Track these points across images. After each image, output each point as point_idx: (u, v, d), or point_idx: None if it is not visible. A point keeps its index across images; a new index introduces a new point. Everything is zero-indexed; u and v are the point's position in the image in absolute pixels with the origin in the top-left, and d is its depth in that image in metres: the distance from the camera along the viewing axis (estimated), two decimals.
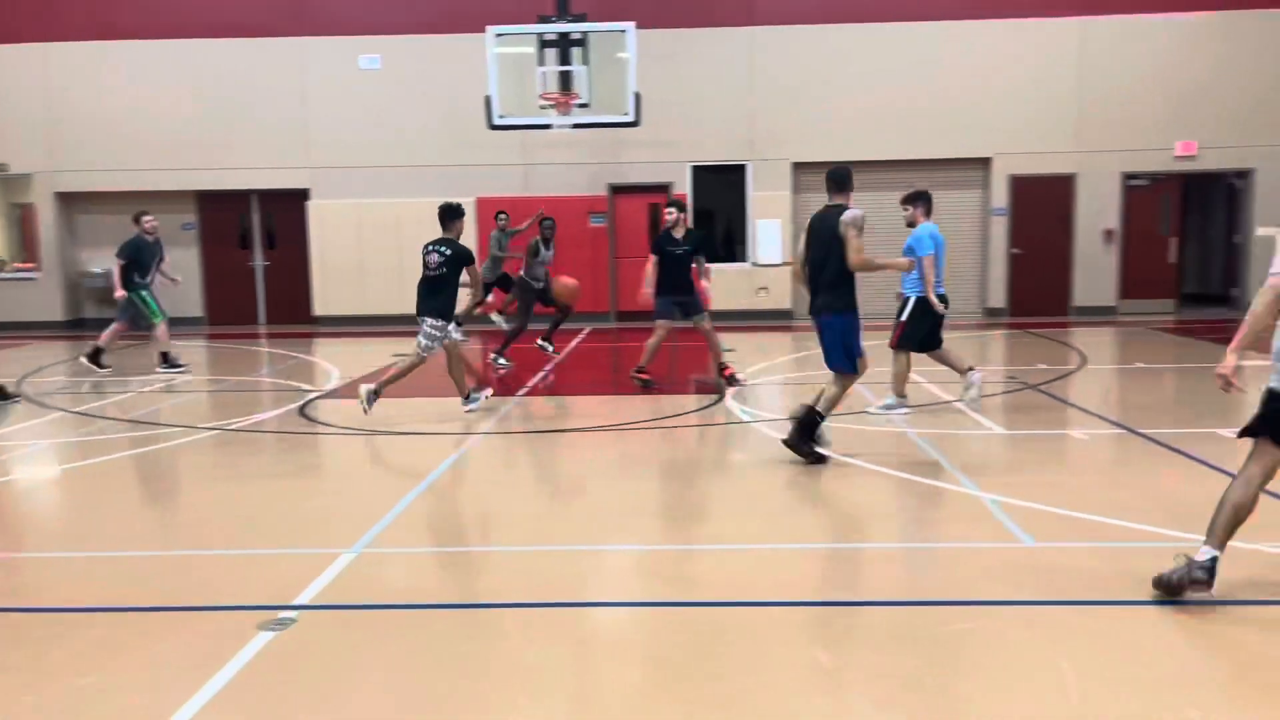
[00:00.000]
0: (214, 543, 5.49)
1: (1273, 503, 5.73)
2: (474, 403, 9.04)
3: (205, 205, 18.42)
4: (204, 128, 17.81)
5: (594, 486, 6.79)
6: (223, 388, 11.29)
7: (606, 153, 17.56)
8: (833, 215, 7.07)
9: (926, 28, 17.30)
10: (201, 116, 17.81)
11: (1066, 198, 17.50)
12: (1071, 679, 3.58)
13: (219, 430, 8.61)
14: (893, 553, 5.08)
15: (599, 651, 4.03)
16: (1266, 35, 17.06)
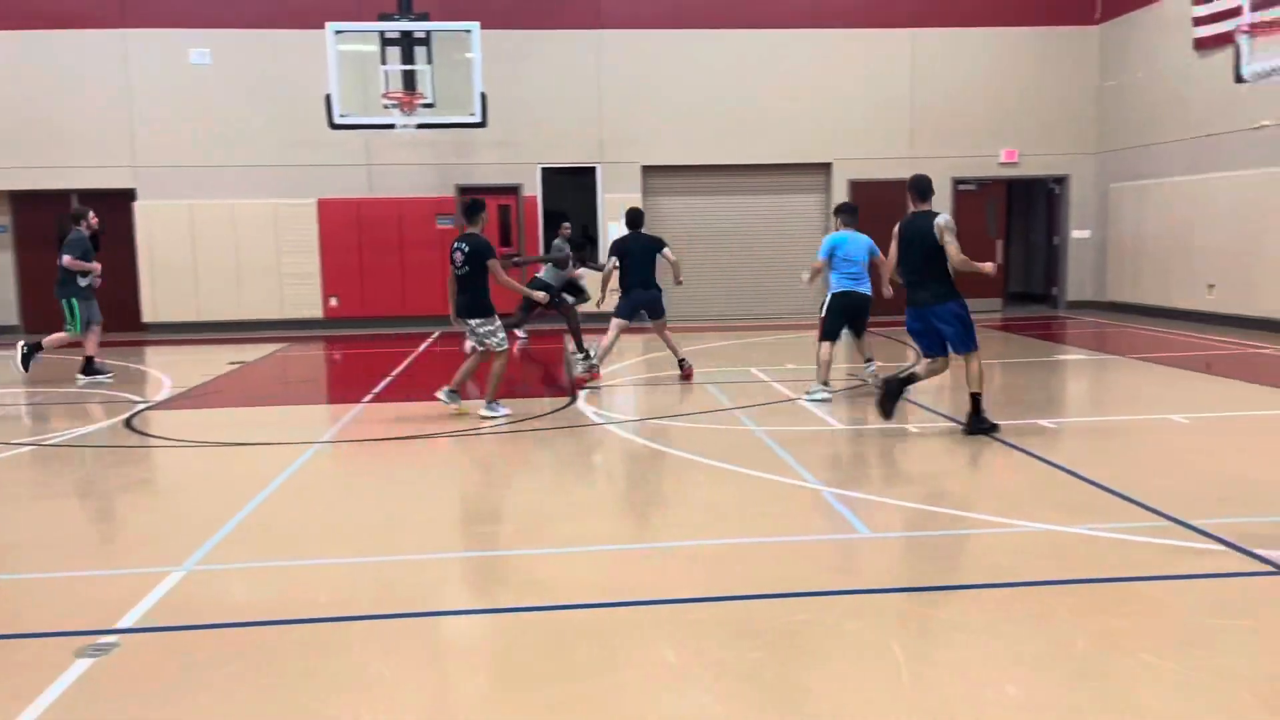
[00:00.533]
0: (27, 566, 5.13)
1: (1083, 487, 6.14)
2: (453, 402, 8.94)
3: (19, 206, 17.25)
4: (17, 124, 16.67)
5: (441, 493, 6.68)
6: (41, 400, 10.57)
7: (453, 153, 17.33)
8: (924, 220, 7.97)
9: (768, 35, 17.78)
10: (14, 112, 16.66)
11: (901, 201, 18.19)
12: (903, 662, 3.73)
13: (35, 446, 8.06)
14: (737, 548, 5.17)
15: (446, 661, 3.96)
16: (1077, 51, 18.27)
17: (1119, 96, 17.79)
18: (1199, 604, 4.28)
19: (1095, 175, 18.39)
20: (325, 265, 17.33)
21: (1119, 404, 9.25)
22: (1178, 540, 5.06)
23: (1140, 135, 17.16)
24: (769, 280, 18.53)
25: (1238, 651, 3.77)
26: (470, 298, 8.75)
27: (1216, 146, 15.16)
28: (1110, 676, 3.60)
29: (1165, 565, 4.76)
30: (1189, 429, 7.94)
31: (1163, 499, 5.76)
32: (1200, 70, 15.32)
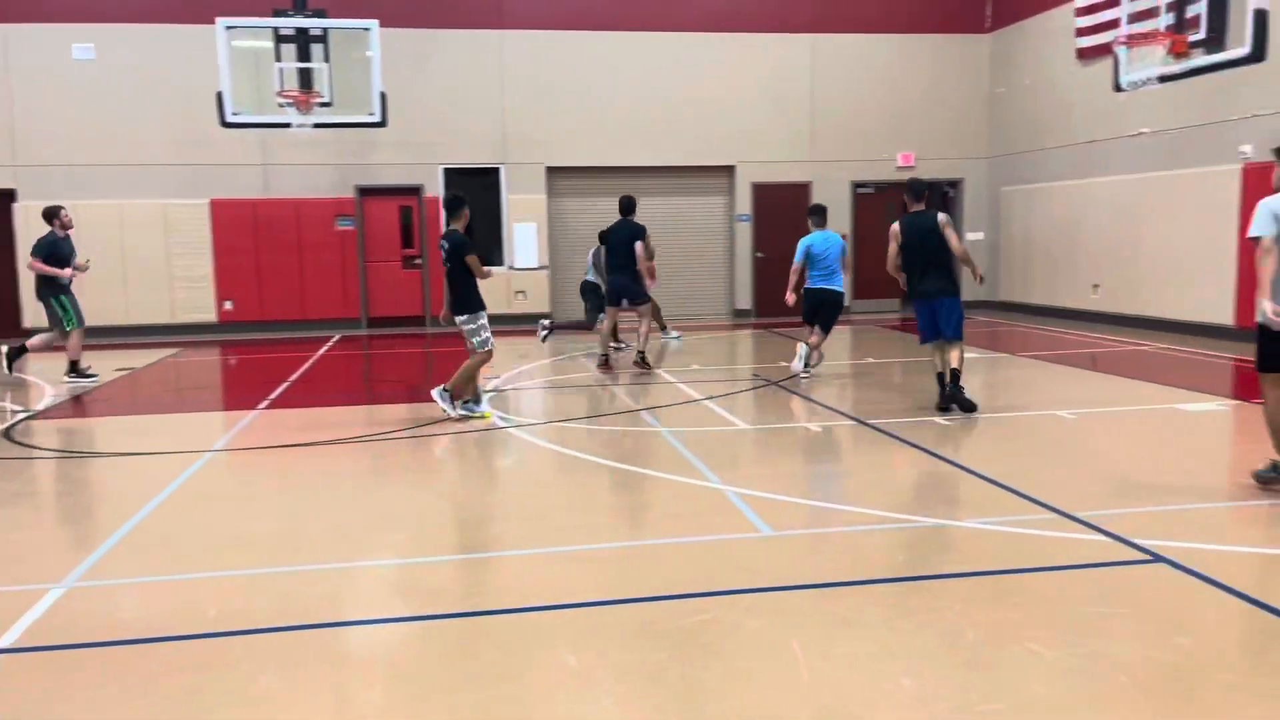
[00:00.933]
0: None
1: (975, 481, 6.32)
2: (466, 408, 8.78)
3: None
4: None
5: (338, 501, 6.53)
6: None
7: (353, 153, 17.00)
8: (925, 218, 8.89)
9: (672, 38, 17.89)
10: None
11: (803, 204, 18.53)
12: (802, 658, 3.78)
13: None
14: (640, 550, 5.19)
15: (342, 674, 3.87)
16: (969, 58, 18.84)
17: (1009, 103, 18.41)
18: (1082, 593, 4.44)
19: (987, 179, 19.00)
20: (219, 268, 16.82)
21: (1009, 400, 9.56)
22: (1063, 532, 5.25)
23: (1029, 140, 17.79)
24: (673, 281, 18.63)
25: (1117, 637, 3.93)
26: (461, 294, 8.70)
27: (1099, 152, 15.81)
28: (998, 666, 3.71)
29: (1051, 556, 4.94)
30: (1075, 424, 8.25)
31: (1049, 492, 5.97)
32: (1083, 79, 15.95)
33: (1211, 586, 4.42)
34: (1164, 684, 3.56)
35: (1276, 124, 12.37)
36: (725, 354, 13.80)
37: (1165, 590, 4.44)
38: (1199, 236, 13.58)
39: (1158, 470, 6.94)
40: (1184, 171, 13.93)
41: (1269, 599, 4.26)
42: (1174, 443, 7.69)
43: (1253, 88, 12.55)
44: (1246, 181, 12.67)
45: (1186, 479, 6.56)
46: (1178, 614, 4.15)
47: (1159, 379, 10.31)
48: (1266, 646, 3.88)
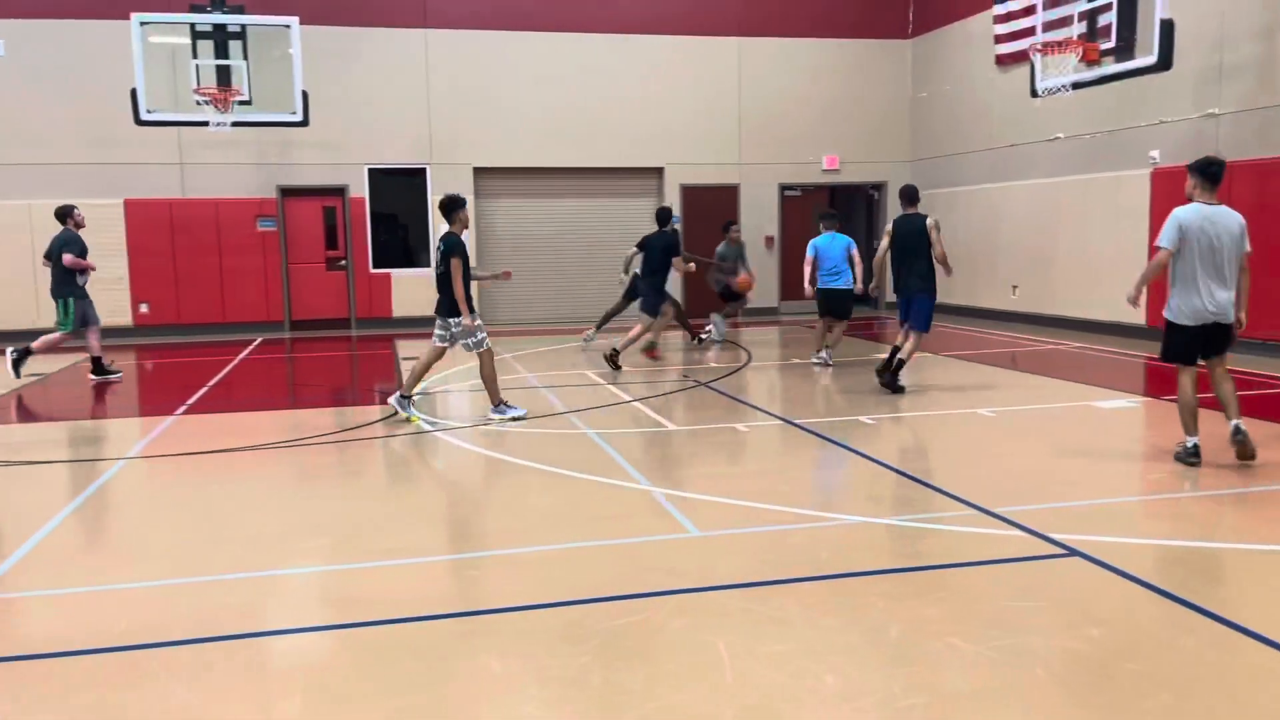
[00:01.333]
0: None
1: (897, 479, 6.42)
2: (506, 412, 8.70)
3: None
4: None
5: (258, 508, 6.39)
6: None
7: (274, 153, 16.67)
8: (916, 219, 9.96)
9: (600, 40, 17.89)
10: None
11: (732, 206, 18.73)
12: (726, 658, 3.80)
13: None
14: (565, 553, 5.16)
15: (260, 685, 3.77)
16: (892, 63, 19.18)
17: (930, 107, 18.78)
18: (1000, 587, 4.54)
19: (911, 182, 19.30)
20: (134, 270, 16.35)
21: (931, 399, 9.74)
22: (982, 528, 5.36)
23: (949, 144, 18.16)
24: (602, 282, 18.62)
25: (1033, 630, 4.02)
26: (446, 297, 8.49)
27: (1017, 156, 16.21)
28: (920, 661, 3.77)
29: (971, 552, 5.04)
30: (994, 421, 8.43)
31: (970, 489, 6.09)
32: (1002, 85, 16.35)
33: (1122, 578, 4.55)
34: (1077, 674, 3.65)
35: (1183, 130, 12.82)
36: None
37: (1079, 583, 4.56)
38: (1112, 239, 14.01)
39: (1073, 466, 7.13)
40: (1097, 176, 14.35)
41: (1175, 589, 4.40)
42: (1089, 439, 7.91)
43: (1161, 95, 12.99)
44: (1155, 186, 13.11)
45: (1100, 474, 6.75)
46: (1090, 605, 4.26)
47: (1075, 377, 10.60)
48: (1173, 635, 4.01)
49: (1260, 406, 8.69)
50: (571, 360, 12.94)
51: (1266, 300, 11.72)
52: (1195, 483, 6.30)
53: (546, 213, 18.41)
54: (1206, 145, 12.50)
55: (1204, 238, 6.41)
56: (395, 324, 17.31)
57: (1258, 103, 11.81)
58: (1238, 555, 4.99)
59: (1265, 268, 11.69)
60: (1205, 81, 12.43)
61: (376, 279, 17.41)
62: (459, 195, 8.82)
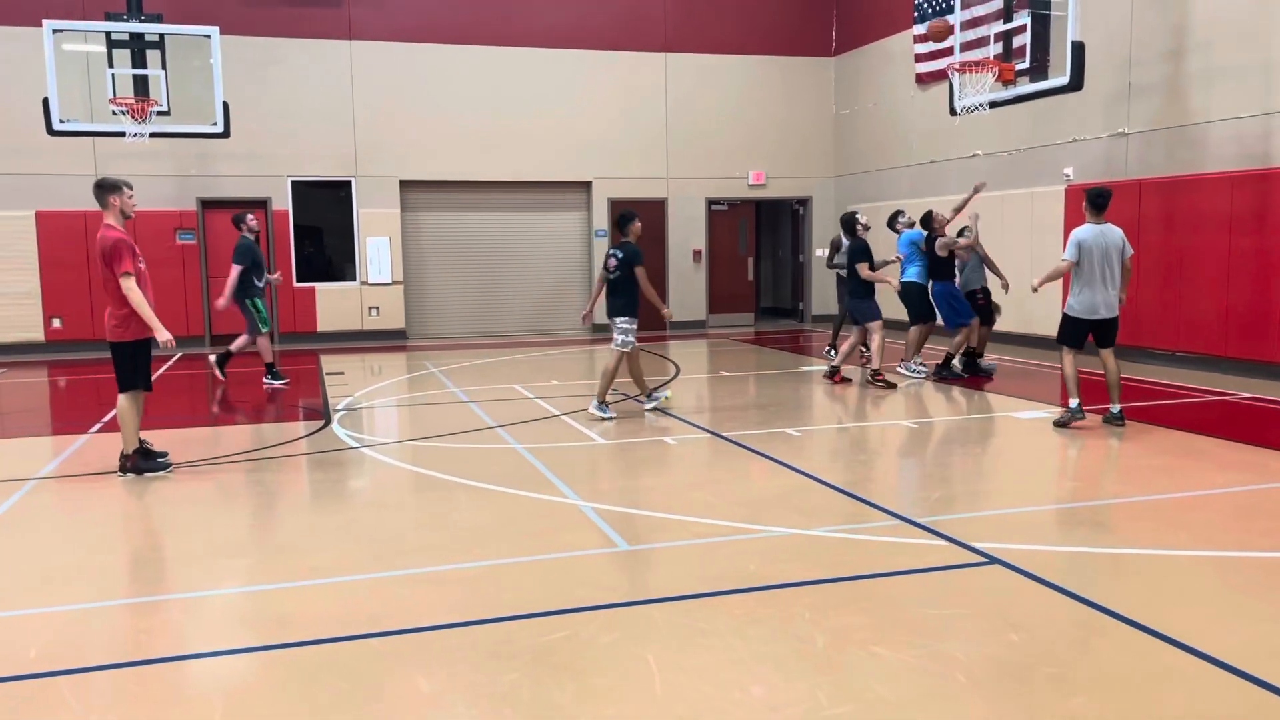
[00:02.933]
0: None
1: (823, 491, 6.51)
2: (654, 400, 9.73)
3: None
4: None
5: (174, 528, 6.22)
6: None
7: (194, 164, 16.32)
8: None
9: (527, 53, 17.88)
10: None
11: (660, 220, 18.85)
12: (656, 671, 3.81)
13: None
14: (493, 569, 5.12)
15: (181, 709, 3.67)
16: (816, 80, 19.51)
17: (853, 124, 19.14)
18: (924, 596, 4.63)
19: (835, 197, 19.67)
20: (46, 283, 15.83)
21: (856, 412, 9.89)
22: (906, 538, 5.46)
23: (872, 160, 18.53)
24: (532, 296, 18.59)
25: (956, 637, 4.11)
26: (625, 300, 9.41)
27: (937, 172, 16.60)
28: (846, 670, 3.83)
29: (895, 562, 5.12)
30: (916, 433, 8.60)
31: (893, 499, 6.20)
32: (921, 103, 16.74)
33: (1040, 585, 4.68)
34: (997, 679, 3.74)
35: (1095, 148, 13.27)
36: (584, 369, 13.82)
37: (999, 590, 4.67)
38: (1028, 254, 14.40)
39: (993, 476, 7.32)
40: (1014, 192, 14.76)
41: (1090, 594, 4.53)
42: (1007, 449, 8.12)
43: (1073, 114, 13.44)
44: (1069, 202, 13.53)
45: (1019, 483, 6.93)
46: (1010, 612, 4.37)
47: (994, 389, 10.87)
48: (1088, 638, 4.13)
49: (1173, 416, 9.01)
50: (498, 374, 12.87)
51: (1171, 312, 12.18)
52: (1109, 491, 6.51)
53: (475, 226, 18.31)
54: (1116, 163, 12.96)
55: (1097, 250, 8.24)
56: (320, 338, 17.04)
57: (1165, 122, 12.28)
58: (1149, 560, 5.16)
59: (1168, 278, 12.17)
60: (1115, 101, 12.89)
61: (300, 293, 17.11)
62: (632, 210, 9.94)
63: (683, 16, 18.64)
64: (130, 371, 7.31)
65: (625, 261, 9.36)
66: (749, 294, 20.06)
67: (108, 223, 7.36)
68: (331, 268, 17.49)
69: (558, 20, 18.02)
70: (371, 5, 17.15)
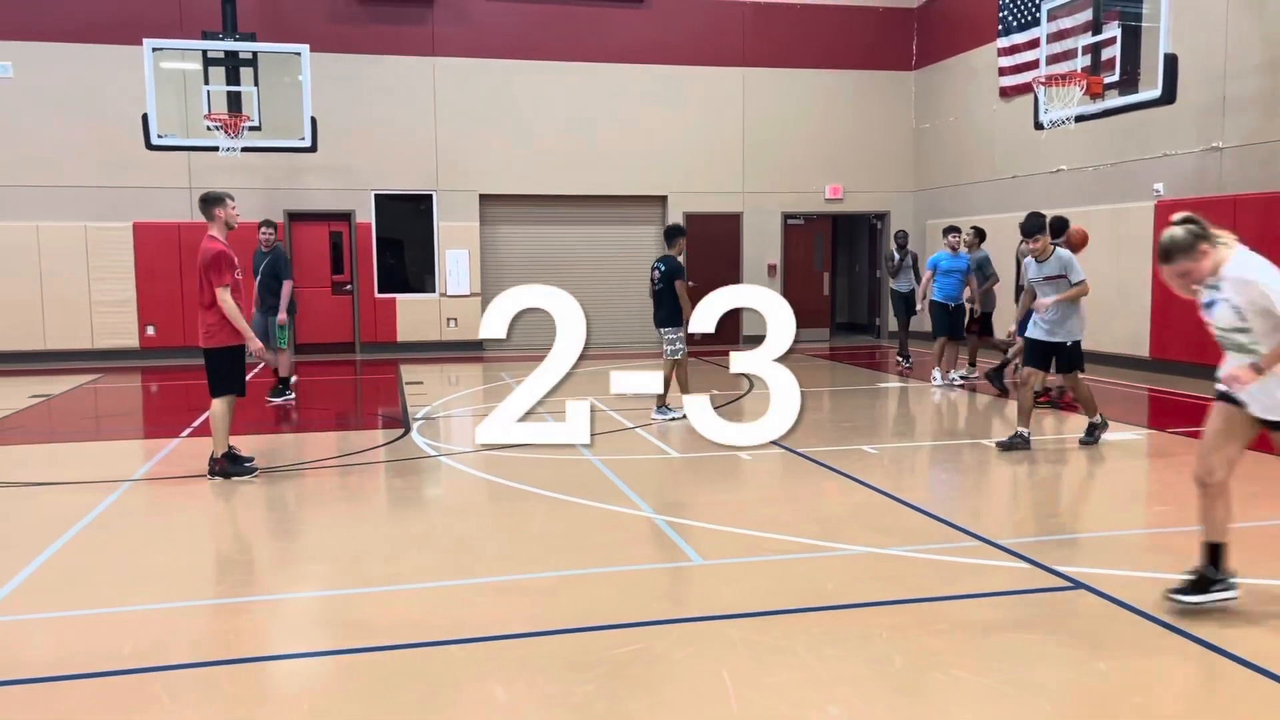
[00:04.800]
0: None
1: (901, 509, 6.41)
2: (665, 414, 9.81)
3: None
4: None
5: (260, 531, 6.39)
6: None
7: (283, 178, 16.77)
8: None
9: (606, 69, 18.03)
10: None
11: (735, 234, 18.82)
12: (731, 688, 3.79)
13: None
14: (568, 580, 5.15)
15: (263, 709, 3.77)
16: (895, 94, 19.31)
17: (933, 138, 18.89)
18: (1006, 619, 4.53)
19: (913, 212, 19.42)
20: (141, 292, 16.40)
21: (935, 429, 9.74)
22: (987, 559, 5.35)
23: (952, 175, 18.25)
24: (606, 309, 18.67)
25: (1041, 663, 4.01)
26: (667, 311, 9.74)
27: (1019, 187, 16.27)
28: (926, 693, 3.76)
29: (976, 584, 5.02)
30: (998, 453, 8.43)
31: (974, 520, 6.08)
32: (1004, 117, 16.44)
33: (1129, 612, 4.54)
34: (1083, 708, 3.64)
35: (1187, 163, 12.88)
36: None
37: (1086, 616, 4.55)
38: (1116, 271, 14.03)
39: (1079, 498, 7.14)
40: (1101, 208, 14.40)
41: (1182, 624, 4.38)
42: (1094, 471, 7.90)
43: (1164, 128, 13.06)
44: (1159, 219, 13.15)
45: (1106, 506, 6.75)
46: (1097, 639, 4.25)
47: (1079, 409, 10.58)
48: (1178, 670, 4.00)
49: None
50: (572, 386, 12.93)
51: None
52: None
53: (551, 239, 18.47)
54: (1209, 178, 12.56)
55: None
56: (399, 348, 17.35)
57: (1261, 136, 11.87)
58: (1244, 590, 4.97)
59: None
60: (1209, 115, 12.50)
61: (381, 303, 17.47)
62: (680, 225, 10.09)
63: (761, 32, 18.62)
64: (224, 377, 7.53)
65: (667, 274, 9.64)
66: (824, 309, 19.88)
67: (211, 234, 7.60)
68: (412, 279, 17.81)
69: (637, 36, 18.14)
70: (455, 23, 17.47)
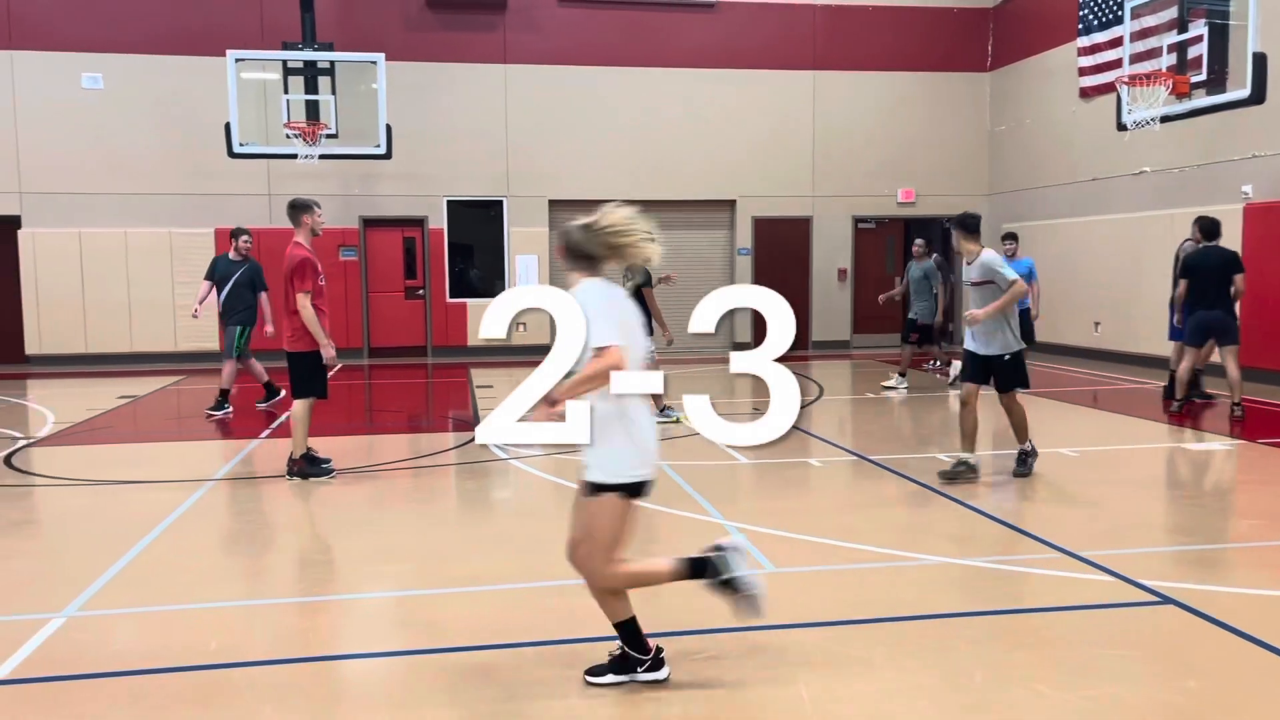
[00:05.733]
0: None
1: (979, 519, 6.29)
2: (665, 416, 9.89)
3: None
4: None
5: (336, 532, 6.51)
6: None
7: (357, 184, 17.09)
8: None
9: (675, 74, 18.04)
10: None
11: (804, 238, 18.68)
12: (807, 698, 3.75)
13: None
14: None
15: (341, 706, 3.83)
16: (970, 96, 18.99)
17: (1009, 141, 18.54)
18: (1090, 634, 4.41)
19: (988, 216, 19.04)
20: None
21: (1011, 438, 9.53)
22: (1069, 572, 5.22)
23: (1028, 178, 17.88)
24: (674, 314, 18.64)
25: (1126, 680, 3.89)
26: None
27: (1100, 190, 15.89)
28: (1008, 708, 3.68)
29: (1058, 597, 4.90)
30: (1077, 462, 8.22)
31: (1054, 531, 5.94)
32: (1084, 118, 16.07)
33: (1220, 629, 4.38)
34: None
35: (1276, 165, 12.45)
36: (726, 387, 13.78)
37: (1173, 632, 4.41)
38: None
39: (1164, 510, 6.93)
40: (1186, 210, 13.96)
41: (1277, 641, 4.23)
42: (1179, 482, 7.66)
43: (1252, 129, 12.64)
44: (1248, 221, 12.73)
45: (1193, 519, 6.54)
46: (1186, 656, 4.12)
47: (1161, 418, 10.29)
48: (1273, 688, 3.85)
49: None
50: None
51: None
52: None
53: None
54: None
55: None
56: (470, 352, 17.55)
57: None
58: None
59: None
60: None
61: (453, 308, 17.70)
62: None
63: (832, 35, 18.47)
64: (306, 380, 7.69)
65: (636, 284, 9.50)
66: (896, 314, 19.60)
67: (297, 240, 7.77)
68: (482, 284, 18.01)
69: (707, 41, 18.12)
70: (526, 29, 17.64)
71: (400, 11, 17.19)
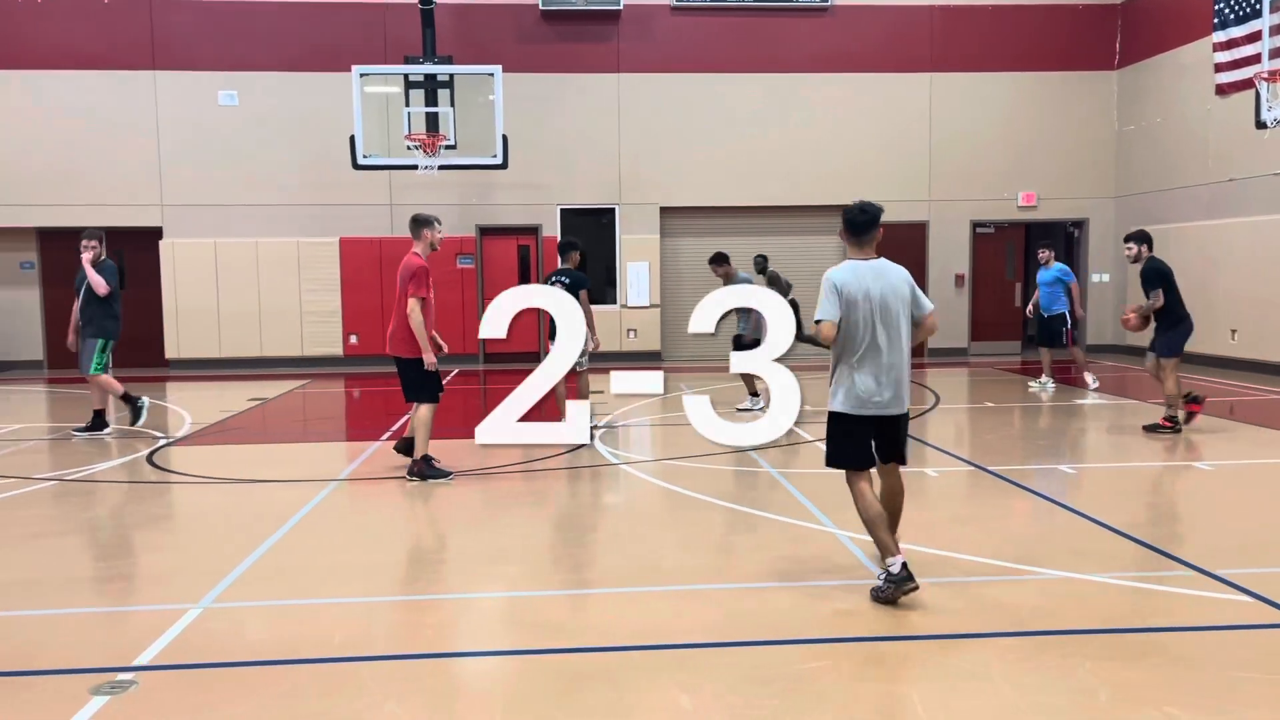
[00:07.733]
0: (44, 602, 5.15)
1: (1103, 533, 6.06)
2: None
3: (47, 243, 17.49)
4: (49, 162, 16.95)
5: (454, 532, 6.68)
6: (63, 435, 10.63)
7: (474, 194, 17.50)
8: None
9: (788, 79, 17.93)
10: (47, 150, 16.96)
11: (920, 243, 18.31)
12: (922, 713, 3.68)
13: (56, 481, 8.12)
14: (750, 592, 5.13)
15: (460, 703, 3.94)
16: (1095, 95, 18.33)
17: (1138, 141, 17.81)
18: (1225, 657, 4.21)
19: (1114, 219, 18.37)
20: (346, 303, 17.47)
21: (1140, 449, 9.16)
22: (1202, 590, 4.99)
23: (1159, 180, 17.14)
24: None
25: (1265, 705, 3.71)
26: None
27: (1237, 191, 15.12)
28: None
29: (1190, 616, 4.70)
30: (1212, 476, 7.85)
31: (1186, 548, 5.69)
32: (1219, 116, 15.33)
33: None
34: None
35: None
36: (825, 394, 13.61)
37: None
38: None
39: None
40: None
41: None
42: None
43: None
44: None
45: None
46: None
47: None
48: None
49: None
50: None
51: None
52: None
53: (731, 251, 18.44)
54: None
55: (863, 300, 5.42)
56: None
57: None
58: None
59: None
60: None
61: None
62: (574, 239, 10.96)
63: (950, 36, 18.08)
64: (422, 385, 7.93)
65: (573, 287, 9.65)
66: (1015, 321, 19.04)
67: (415, 251, 8.04)
68: (594, 291, 18.18)
69: (821, 45, 17.96)
70: (640, 38, 17.80)
71: (516, 24, 17.55)
